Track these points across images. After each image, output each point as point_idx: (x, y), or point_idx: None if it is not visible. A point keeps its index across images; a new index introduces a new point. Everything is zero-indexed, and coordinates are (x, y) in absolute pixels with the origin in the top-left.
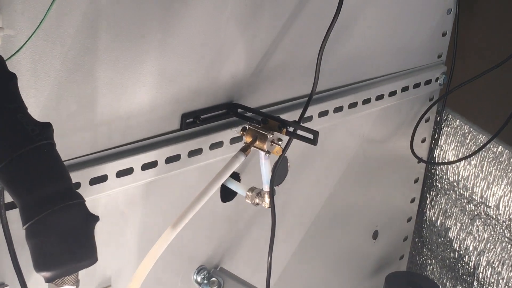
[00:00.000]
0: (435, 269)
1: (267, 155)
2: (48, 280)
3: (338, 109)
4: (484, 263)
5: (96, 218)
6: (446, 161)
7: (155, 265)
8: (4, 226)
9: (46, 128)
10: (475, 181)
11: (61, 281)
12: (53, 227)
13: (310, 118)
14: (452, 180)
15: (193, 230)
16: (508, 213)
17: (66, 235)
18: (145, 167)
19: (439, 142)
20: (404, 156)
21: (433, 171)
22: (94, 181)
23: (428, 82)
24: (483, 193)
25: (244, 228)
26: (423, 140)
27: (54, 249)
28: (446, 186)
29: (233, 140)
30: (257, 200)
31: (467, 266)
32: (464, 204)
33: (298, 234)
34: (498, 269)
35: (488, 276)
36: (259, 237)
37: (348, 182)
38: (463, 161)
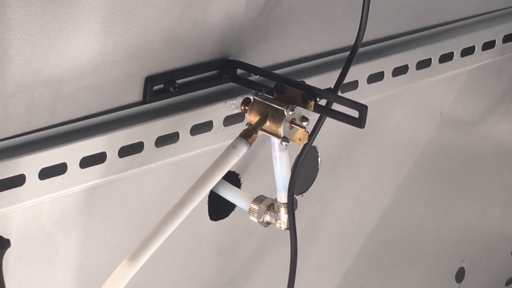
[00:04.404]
0: None
1: (285, 144)
2: None
3: (400, 71)
4: None
5: (5, 243)
6: None
7: None
8: None
9: None
10: None
11: None
12: None
13: (354, 85)
14: None
15: (164, 266)
16: None
17: None
18: (86, 162)
19: None
20: (507, 148)
21: None
22: (4, 184)
23: None
24: None
25: (247, 261)
26: None
27: None
28: None
29: (229, 120)
30: (268, 218)
31: None
32: None
33: (334, 272)
34: None
35: None
36: (271, 275)
37: (416, 190)
38: None
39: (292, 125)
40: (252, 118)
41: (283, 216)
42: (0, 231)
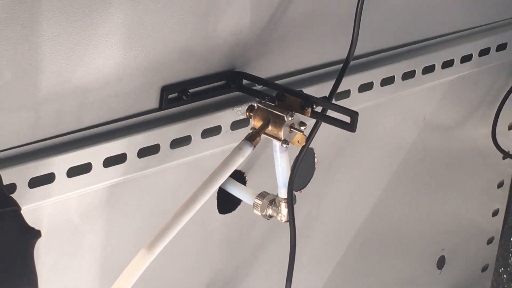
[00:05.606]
0: None
1: (285, 146)
2: None
3: (387, 81)
4: None
5: (36, 234)
6: None
7: None
8: None
9: None
10: None
11: None
12: None
13: (346, 94)
14: None
15: (177, 254)
16: None
17: None
18: (109, 162)
19: None
20: (483, 150)
21: None
22: (36, 182)
23: None
24: None
25: (252, 251)
26: (511, 127)
27: None
28: None
29: (236, 125)
30: (270, 211)
31: None
32: None
33: (329, 261)
34: None
35: None
36: (272, 264)
37: (402, 187)
38: None
39: (291, 129)
40: (256, 123)
41: (284, 210)
42: (32, 223)
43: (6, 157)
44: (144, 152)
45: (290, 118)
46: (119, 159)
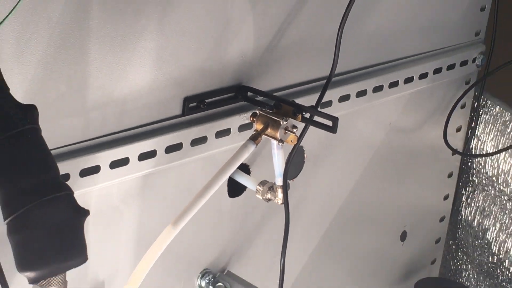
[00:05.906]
0: (471, 275)
1: (280, 144)
2: (32, 281)
3: (361, 93)
4: None
5: (85, 212)
6: (484, 152)
7: (153, 268)
8: None
9: (30, 112)
10: None
11: (46, 282)
12: (38, 222)
13: (329, 103)
14: (491, 174)
15: (196, 229)
16: None
17: (53, 231)
18: (143, 157)
19: (477, 131)
20: (436, 147)
21: (469, 164)
22: (85, 172)
23: (464, 63)
24: None
25: (254, 226)
26: (458, 129)
27: (39, 246)
28: (484, 181)
29: (242, 127)
30: (269, 196)
31: (507, 272)
32: (504, 201)
33: (315, 234)
34: None
35: None
36: (271, 237)
37: (373, 176)
38: (504, 152)
39: (286, 131)
40: (258, 126)
41: (280, 194)
42: (82, 205)
43: (62, 153)
44: (170, 149)
45: (284, 122)
46: (151, 154)
